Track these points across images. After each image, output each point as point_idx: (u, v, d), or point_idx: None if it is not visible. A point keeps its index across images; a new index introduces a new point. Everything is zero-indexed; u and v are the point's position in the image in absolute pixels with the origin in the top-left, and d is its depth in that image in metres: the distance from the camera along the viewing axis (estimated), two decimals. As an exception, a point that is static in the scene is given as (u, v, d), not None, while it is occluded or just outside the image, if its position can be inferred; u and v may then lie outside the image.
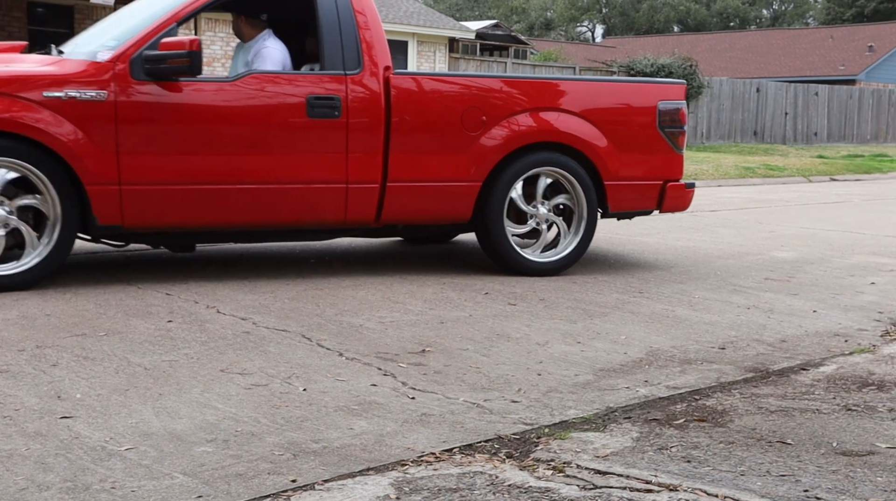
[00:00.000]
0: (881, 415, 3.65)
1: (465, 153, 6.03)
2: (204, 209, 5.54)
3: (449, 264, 6.63)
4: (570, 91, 6.39)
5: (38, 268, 5.22)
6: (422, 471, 2.93)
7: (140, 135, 5.33)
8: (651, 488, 2.83)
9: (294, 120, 5.64)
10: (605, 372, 4.21)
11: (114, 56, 5.34)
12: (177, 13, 5.56)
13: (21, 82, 5.14)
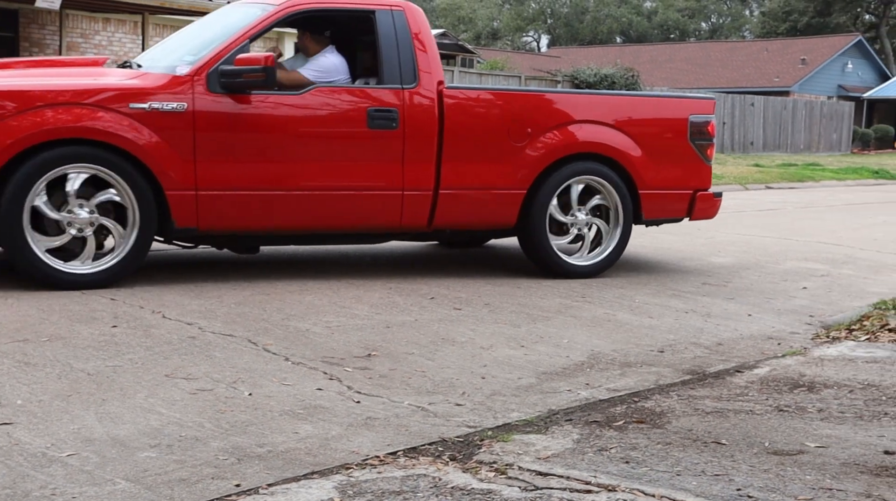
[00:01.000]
0: (811, 415, 3.72)
1: (511, 163, 6.31)
2: (272, 213, 5.84)
3: (396, 268, 6.62)
4: (607, 105, 6.74)
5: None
6: (366, 474, 2.91)
7: (215, 144, 5.61)
8: (590, 488, 2.85)
9: (355, 131, 5.93)
10: (547, 375, 4.24)
11: (192, 70, 5.62)
12: (248, 30, 5.85)
13: (110, 95, 5.40)
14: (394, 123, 5.98)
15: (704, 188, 6.96)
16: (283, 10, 5.98)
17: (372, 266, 6.70)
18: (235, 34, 5.81)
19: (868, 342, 5.16)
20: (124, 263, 5.48)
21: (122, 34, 19.44)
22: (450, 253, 7.55)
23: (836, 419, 3.67)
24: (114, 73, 5.95)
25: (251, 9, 6.15)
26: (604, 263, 6.71)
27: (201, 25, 6.65)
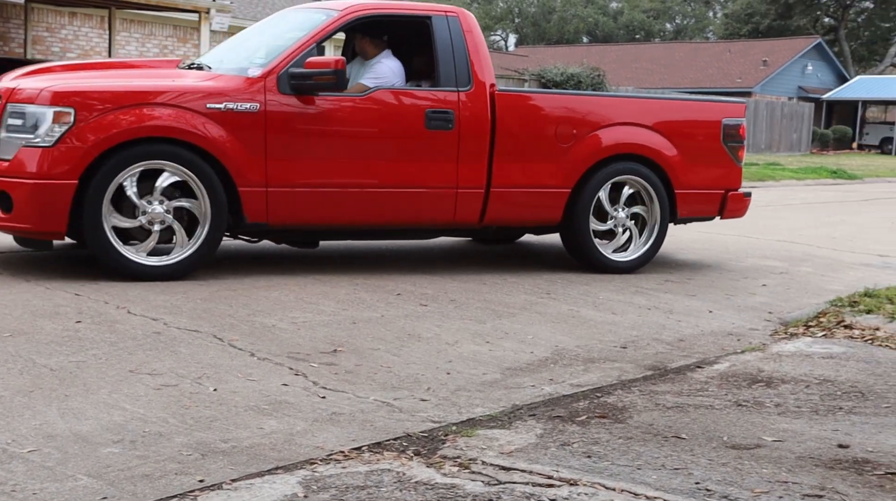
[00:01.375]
0: (768, 410, 3.77)
1: (557, 162, 6.59)
2: (335, 209, 6.06)
3: (363, 265, 6.60)
4: (646, 107, 7.04)
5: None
6: (330, 469, 2.91)
7: (284, 143, 5.83)
8: (553, 483, 2.86)
9: (414, 131, 6.18)
10: (512, 371, 4.25)
11: (263, 72, 5.84)
12: (315, 35, 6.07)
13: (189, 96, 5.64)
14: (450, 124, 6.23)
15: (735, 188, 7.29)
16: (346, 16, 6.21)
17: (339, 263, 6.67)
18: (302, 39, 6.02)
19: (824, 338, 5.23)
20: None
21: (88, 28, 19.19)
22: (416, 250, 7.54)
23: (792, 414, 3.71)
24: (189, 74, 6.11)
25: (314, 14, 6.40)
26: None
27: (262, 29, 6.96)
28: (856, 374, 4.42)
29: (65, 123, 5.36)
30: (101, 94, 5.50)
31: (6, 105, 5.54)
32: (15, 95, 5.54)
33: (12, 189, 5.40)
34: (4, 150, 5.48)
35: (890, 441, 3.37)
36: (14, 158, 5.42)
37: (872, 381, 4.29)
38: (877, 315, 5.45)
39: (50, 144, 5.35)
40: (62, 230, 5.48)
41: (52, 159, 5.35)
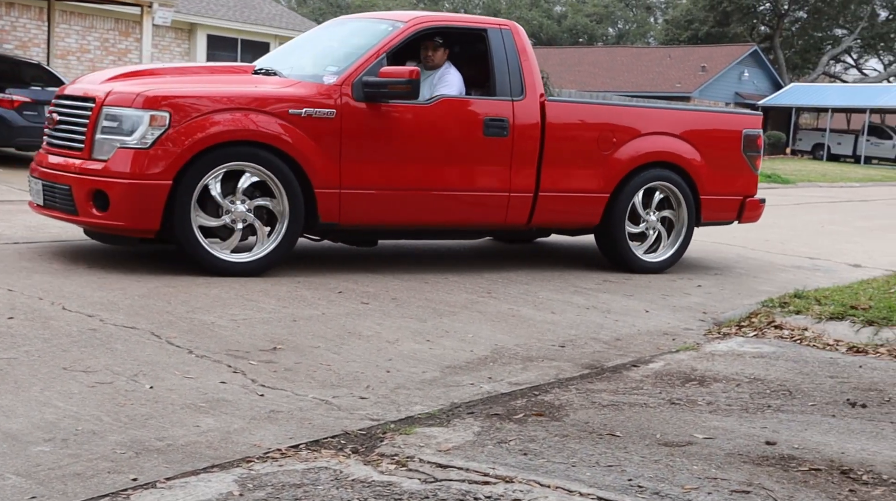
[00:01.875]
0: (700, 408, 3.83)
1: (598, 168, 6.99)
2: (400, 210, 6.37)
3: (305, 263, 6.55)
4: (676, 118, 7.49)
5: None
6: (267, 467, 2.88)
7: (357, 147, 6.11)
8: (489, 480, 2.87)
9: (473, 137, 6.53)
10: (451, 369, 4.25)
11: (339, 80, 6.11)
12: (384, 45, 6.32)
13: (272, 101, 5.89)
14: (505, 131, 6.59)
15: (752, 195, 7.79)
16: (412, 27, 6.50)
17: (282, 261, 6.60)
18: (373, 49, 6.28)
19: (756, 338, 5.34)
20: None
21: (26, 20, 18.73)
22: (358, 248, 7.50)
23: (723, 412, 3.78)
24: (269, 81, 6.29)
25: (379, 24, 6.71)
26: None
27: (321, 36, 7.31)
28: (784, 373, 4.52)
29: (160, 126, 5.59)
30: (194, 99, 5.72)
31: (101, 109, 5.71)
32: (110, 99, 5.71)
33: (110, 189, 5.58)
34: (101, 151, 5.67)
35: (815, 438, 3.45)
36: (111, 159, 5.61)
37: (800, 380, 4.39)
38: (805, 316, 5.57)
39: (146, 146, 5.58)
40: (155, 229, 5.67)
41: (149, 161, 5.57)
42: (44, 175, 5.97)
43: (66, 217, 5.88)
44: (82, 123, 5.80)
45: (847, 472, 3.08)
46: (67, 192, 5.73)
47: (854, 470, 3.10)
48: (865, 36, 54.45)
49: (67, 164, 5.81)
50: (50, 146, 6.11)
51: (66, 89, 6.23)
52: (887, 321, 5.34)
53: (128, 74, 6.23)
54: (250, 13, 22.26)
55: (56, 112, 6.07)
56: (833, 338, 5.27)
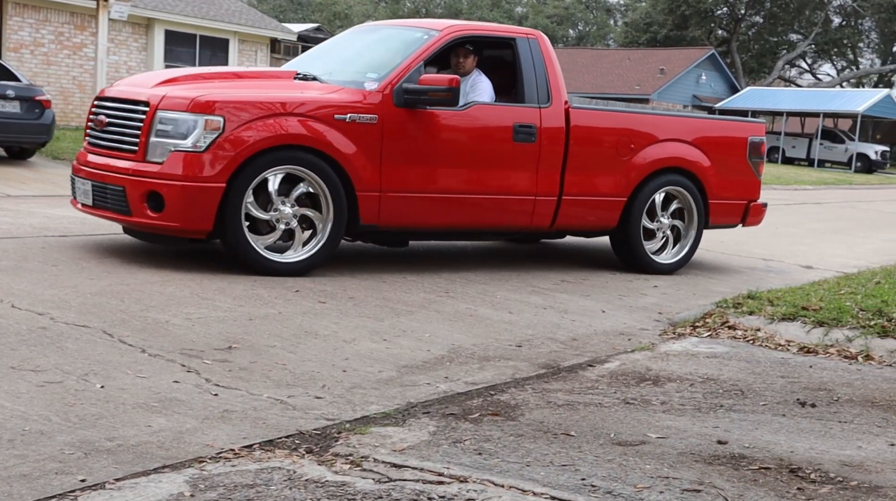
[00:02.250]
0: (654, 407, 3.86)
1: (617, 174, 7.26)
2: (435, 213, 6.59)
3: (261, 261, 6.49)
4: (688, 125, 7.83)
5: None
6: (219, 468, 2.84)
7: (396, 152, 6.31)
8: (443, 480, 2.87)
9: (503, 143, 6.76)
10: (408, 369, 4.24)
11: (380, 87, 6.30)
12: (422, 53, 6.54)
13: (318, 107, 6.08)
14: (532, 137, 6.84)
15: (755, 199, 8.16)
16: (446, 36, 6.74)
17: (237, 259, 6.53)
18: (411, 56, 6.49)
19: (710, 338, 5.40)
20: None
21: (-21, 11, 18.35)
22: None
23: (676, 411, 3.81)
24: (314, 86, 6.44)
25: (413, 32, 6.91)
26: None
27: (353, 40, 7.54)
28: (737, 373, 4.57)
29: (215, 130, 5.77)
30: (247, 104, 5.90)
31: (155, 113, 5.85)
32: (165, 103, 5.86)
33: (165, 190, 5.74)
34: (155, 154, 5.83)
35: (765, 437, 3.50)
36: (166, 161, 5.78)
37: (752, 379, 4.44)
38: (758, 316, 5.65)
39: (202, 149, 5.75)
40: (209, 229, 5.84)
41: (204, 164, 5.74)
42: (93, 176, 6.10)
43: (119, 217, 6.03)
44: (135, 126, 5.95)
45: (796, 470, 3.13)
46: (121, 193, 5.87)
47: (802, 469, 3.15)
48: (819, 41, 55.40)
49: (120, 166, 5.95)
50: (96, 147, 6.26)
51: (110, 92, 6.39)
52: (837, 322, 5.43)
53: (177, 78, 6.36)
54: (209, 9, 22.04)
55: (104, 114, 6.20)
56: (785, 338, 5.35)
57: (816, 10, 53.65)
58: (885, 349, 5.11)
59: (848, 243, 11.31)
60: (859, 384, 4.47)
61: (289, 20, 56.59)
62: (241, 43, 22.48)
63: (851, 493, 2.95)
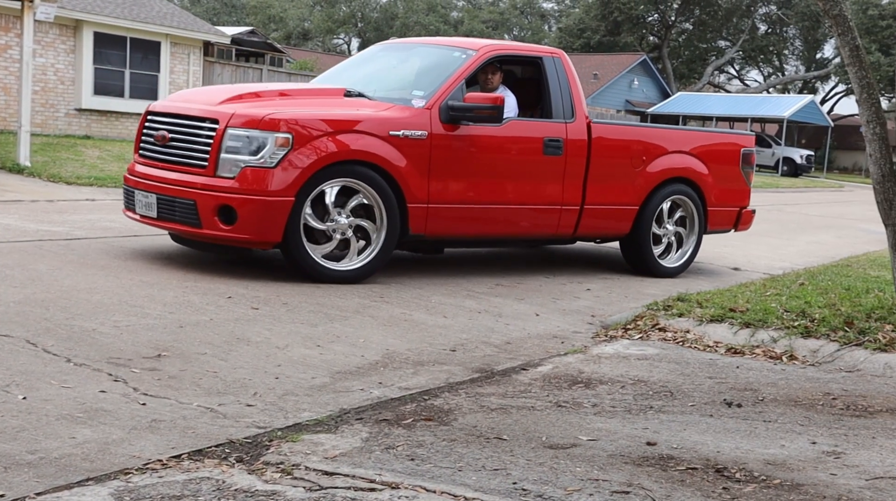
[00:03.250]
0: (585, 410, 3.90)
1: (631, 184, 7.78)
2: (475, 222, 6.99)
3: (194, 267, 6.39)
4: (689, 138, 8.37)
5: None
6: (146, 479, 2.78)
7: (442, 165, 6.69)
8: (375, 487, 2.85)
9: (535, 156, 7.22)
10: (341, 375, 4.21)
11: (428, 104, 6.70)
12: (463, 72, 6.95)
13: (376, 124, 6.41)
14: (560, 150, 7.31)
15: (746, 206, 8.73)
16: (484, 55, 7.17)
17: (168, 265, 6.43)
18: (454, 75, 6.90)
19: (641, 340, 5.47)
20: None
21: None
22: (249, 252, 7.37)
23: (607, 414, 3.86)
24: (366, 104, 6.74)
25: (451, 51, 7.33)
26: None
27: (388, 59, 7.91)
28: (667, 374, 4.64)
29: (284, 146, 6.06)
30: (312, 121, 6.20)
31: (226, 130, 6.10)
32: (234, 121, 6.11)
33: (238, 204, 6.00)
34: (226, 169, 6.08)
35: (693, 438, 3.56)
36: (238, 176, 6.05)
37: (681, 381, 4.52)
38: (688, 318, 5.75)
39: (272, 165, 6.04)
40: (278, 241, 6.12)
41: (275, 179, 6.03)
42: (159, 189, 6.30)
43: (189, 230, 6.23)
44: (203, 143, 6.19)
45: (721, 470, 3.18)
46: (192, 206, 6.09)
47: (728, 468, 3.21)
48: (747, 48, 56.74)
49: (190, 180, 6.15)
50: (155, 161, 6.47)
51: (169, 108, 6.56)
52: (763, 323, 5.56)
53: (241, 95, 6.57)
54: (140, 11, 21.64)
55: (164, 130, 6.41)
56: (713, 340, 5.45)
57: (743, 17, 54.95)
58: (808, 349, 5.25)
59: (774, 245, 11.60)
60: (783, 383, 4.58)
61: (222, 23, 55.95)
62: (174, 46, 22.12)
63: (774, 491, 3.02)
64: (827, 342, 5.29)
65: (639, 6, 51.95)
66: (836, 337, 5.33)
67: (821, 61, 58.88)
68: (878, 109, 5.91)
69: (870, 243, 12.24)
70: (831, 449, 3.49)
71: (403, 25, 63.72)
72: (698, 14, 54.19)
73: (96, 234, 7.56)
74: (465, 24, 66.14)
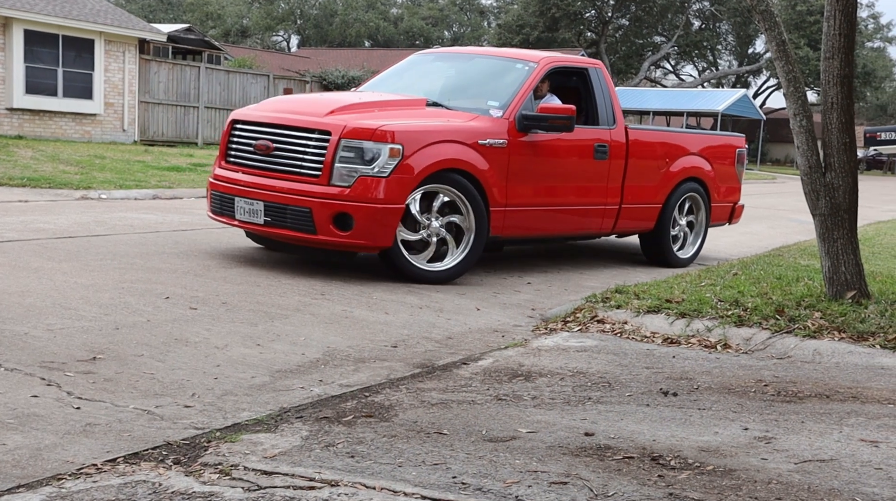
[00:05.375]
0: (525, 403, 3.92)
1: (657, 183, 8.49)
2: (540, 223, 7.52)
3: (131, 268, 6.27)
4: (699, 140, 9.10)
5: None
6: (80, 484, 2.73)
7: (518, 171, 7.17)
8: (314, 485, 2.83)
9: (588, 160, 7.80)
10: (282, 373, 4.18)
11: (506, 115, 7.19)
12: (530, 84, 7.48)
13: (468, 134, 6.86)
14: (605, 155, 7.90)
15: (738, 201, 9.61)
16: (545, 67, 7.74)
17: (104, 267, 6.30)
18: (523, 87, 7.42)
19: (580, 332, 5.53)
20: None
21: None
22: (188, 251, 7.26)
23: (547, 406, 3.88)
24: (453, 114, 7.15)
25: (513, 63, 7.85)
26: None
27: (446, 69, 8.30)
28: (605, 365, 4.69)
29: (396, 157, 6.40)
30: (417, 133, 6.57)
31: (340, 140, 6.39)
32: (347, 132, 6.40)
33: (355, 212, 6.33)
34: (340, 178, 6.39)
35: (629, 427, 3.60)
36: (354, 185, 6.37)
37: (619, 371, 4.57)
38: (625, 310, 5.82)
39: (385, 174, 6.38)
40: (389, 246, 6.49)
41: (388, 187, 6.39)
42: (267, 197, 6.54)
43: (301, 236, 6.48)
44: (316, 153, 6.47)
45: (657, 458, 3.23)
46: (307, 214, 6.38)
47: (664, 456, 3.25)
48: (681, 44, 57.61)
49: (303, 189, 6.43)
50: (255, 169, 6.73)
51: (264, 117, 6.81)
52: (698, 313, 5.65)
53: (345, 107, 6.83)
54: (72, 8, 21.16)
55: (265, 140, 6.67)
56: (650, 330, 5.53)
57: (678, 13, 55.78)
58: (742, 338, 5.35)
59: (709, 236, 11.77)
60: (717, 371, 4.66)
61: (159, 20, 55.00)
62: (108, 44, 21.68)
63: (708, 477, 3.07)
64: (759, 330, 5.40)
65: (576, 2, 52.41)
66: (768, 325, 5.45)
67: (753, 56, 60.11)
68: (805, 102, 6.04)
69: (800, 233, 12.53)
70: (762, 435, 3.56)
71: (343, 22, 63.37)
72: (634, 10, 54.87)
73: (29, 236, 7.38)
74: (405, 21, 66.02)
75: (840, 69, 5.83)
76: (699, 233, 9.12)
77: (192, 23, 51.56)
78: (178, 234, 8.15)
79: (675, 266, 8.59)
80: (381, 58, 49.28)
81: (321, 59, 44.25)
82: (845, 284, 5.92)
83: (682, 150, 8.75)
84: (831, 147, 5.89)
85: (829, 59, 5.85)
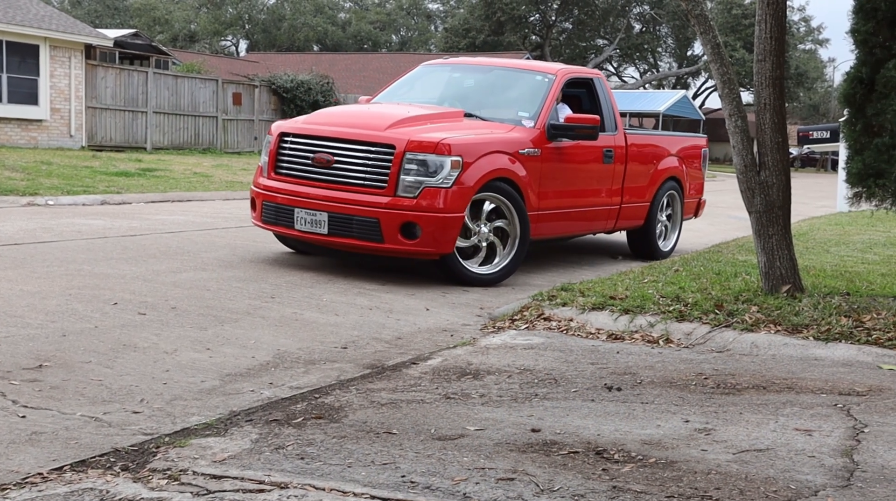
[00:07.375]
0: (473, 401, 3.93)
1: (647, 184, 9.13)
2: (561, 224, 7.99)
3: (77, 274, 6.14)
4: (675, 142, 9.82)
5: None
6: (24, 494, 2.66)
7: (547, 178, 7.60)
8: (263, 488, 2.80)
9: (599, 165, 8.35)
10: (231, 377, 4.13)
11: (538, 125, 7.61)
12: (553, 96, 7.90)
13: (511, 145, 7.26)
14: (611, 159, 8.47)
15: (702, 196, 10.49)
16: (563, 78, 8.21)
17: (51, 273, 6.17)
18: (548, 99, 7.86)
19: (527, 330, 5.55)
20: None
21: None
22: (137, 256, 7.14)
23: (494, 403, 3.89)
24: (489, 125, 7.52)
25: (533, 75, 8.31)
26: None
27: (465, 80, 8.65)
28: (552, 362, 4.72)
29: (457, 168, 6.73)
30: (473, 145, 6.92)
31: (405, 153, 6.66)
32: (411, 146, 6.68)
33: (421, 222, 6.64)
34: (406, 189, 6.66)
35: (575, 423, 3.63)
36: (420, 196, 6.66)
37: (565, 368, 4.60)
38: (571, 307, 5.86)
39: (448, 185, 6.71)
40: (450, 252, 6.82)
41: (451, 197, 6.71)
42: (331, 208, 6.74)
43: (369, 245, 6.71)
44: (380, 166, 6.71)
45: (601, 452, 3.25)
46: (375, 224, 6.62)
47: (608, 450, 3.28)
48: (623, 46, 58.30)
49: (369, 200, 6.66)
50: (313, 181, 6.91)
51: (326, 132, 6.96)
52: (641, 309, 5.71)
53: (401, 121, 7.05)
54: (16, 13, 20.68)
55: (325, 153, 6.86)
56: (595, 327, 5.57)
57: (619, 17, 56.42)
58: (683, 332, 5.42)
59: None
60: (660, 366, 4.72)
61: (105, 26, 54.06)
62: (53, 49, 21.23)
63: (650, 470, 3.10)
64: (699, 325, 5.48)
65: (520, 7, 52.71)
66: (708, 320, 5.53)
67: (692, 58, 61.02)
68: (739, 103, 6.15)
69: (738, 230, 12.75)
70: (703, 427, 3.61)
71: (291, 27, 62.88)
72: (577, 14, 55.38)
73: (-26, 243, 7.19)
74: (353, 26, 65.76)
75: (772, 71, 5.94)
76: (676, 226, 9.83)
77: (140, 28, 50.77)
78: (127, 239, 8.01)
79: (660, 258, 9.15)
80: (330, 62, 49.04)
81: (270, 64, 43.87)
82: (780, 278, 6.04)
83: (665, 151, 9.42)
84: (765, 146, 6.00)
85: (761, 62, 5.96)
